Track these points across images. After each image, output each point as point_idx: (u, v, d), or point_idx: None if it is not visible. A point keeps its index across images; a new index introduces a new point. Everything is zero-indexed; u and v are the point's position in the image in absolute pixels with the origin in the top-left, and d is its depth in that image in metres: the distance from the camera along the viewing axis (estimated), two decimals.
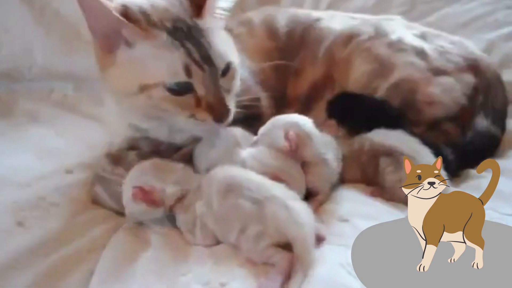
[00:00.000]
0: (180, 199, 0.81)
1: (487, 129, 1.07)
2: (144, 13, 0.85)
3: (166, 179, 0.82)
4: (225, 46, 0.90)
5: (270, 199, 0.74)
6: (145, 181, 0.81)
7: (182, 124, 0.88)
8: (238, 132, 0.93)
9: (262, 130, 0.93)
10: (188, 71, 0.83)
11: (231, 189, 0.76)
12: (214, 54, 0.85)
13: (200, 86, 0.85)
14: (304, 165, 0.91)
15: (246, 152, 0.90)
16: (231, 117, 0.88)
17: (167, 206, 0.81)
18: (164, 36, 0.83)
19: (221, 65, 0.86)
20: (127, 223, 0.85)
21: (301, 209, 0.74)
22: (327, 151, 0.93)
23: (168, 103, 0.84)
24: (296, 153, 0.89)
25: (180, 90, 0.84)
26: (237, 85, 0.93)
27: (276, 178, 0.83)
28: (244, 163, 0.88)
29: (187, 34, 0.84)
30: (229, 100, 0.88)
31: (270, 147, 0.90)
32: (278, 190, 0.77)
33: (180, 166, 0.86)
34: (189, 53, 0.83)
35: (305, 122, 0.92)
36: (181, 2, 0.89)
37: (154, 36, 0.83)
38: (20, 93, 1.50)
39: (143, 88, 0.83)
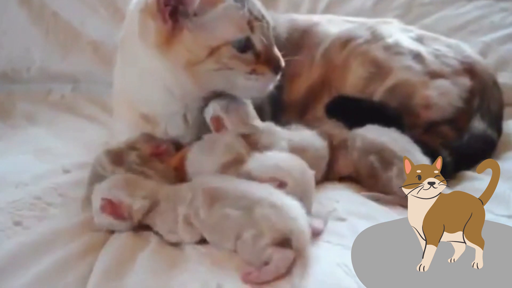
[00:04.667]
0: (149, 211, 0.81)
1: (484, 132, 1.08)
2: None
3: (135, 195, 0.82)
4: None
5: (257, 203, 0.73)
6: (115, 195, 0.81)
7: (241, 83, 0.93)
8: (238, 141, 0.92)
9: None
10: (251, 27, 0.91)
11: (217, 199, 0.76)
12: (265, 12, 0.95)
13: (259, 40, 0.93)
14: None
15: (250, 163, 0.87)
16: (283, 67, 0.96)
17: (135, 220, 0.82)
18: None
19: (271, 21, 0.96)
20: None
21: (290, 205, 0.74)
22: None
23: (235, 60, 0.91)
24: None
25: (243, 47, 0.91)
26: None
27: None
28: (249, 174, 0.85)
29: None
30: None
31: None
32: (262, 191, 0.76)
33: (152, 183, 0.86)
34: (250, 11, 0.92)
35: (218, 102, 0.96)
36: None
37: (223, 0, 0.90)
38: (18, 94, 1.52)
39: (213, 51, 0.90)
